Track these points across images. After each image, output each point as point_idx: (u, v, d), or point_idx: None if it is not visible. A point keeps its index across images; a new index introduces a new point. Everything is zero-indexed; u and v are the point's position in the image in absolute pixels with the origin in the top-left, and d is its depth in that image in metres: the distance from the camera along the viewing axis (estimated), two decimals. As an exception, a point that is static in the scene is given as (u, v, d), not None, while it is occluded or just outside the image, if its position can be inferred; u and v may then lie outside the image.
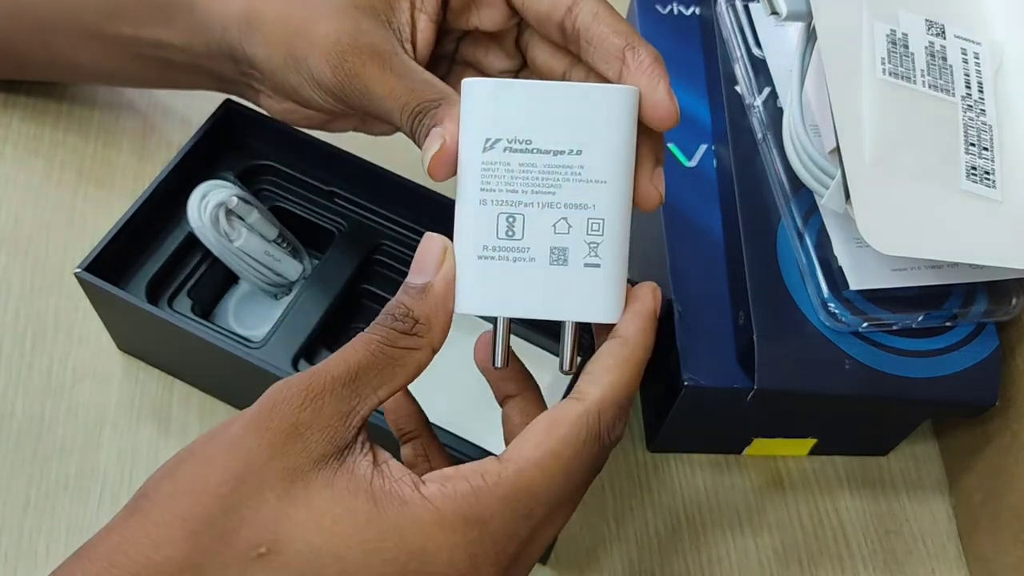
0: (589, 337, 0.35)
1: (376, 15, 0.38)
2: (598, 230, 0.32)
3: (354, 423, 0.29)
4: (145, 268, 0.44)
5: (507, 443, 0.35)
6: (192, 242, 0.45)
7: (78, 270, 0.41)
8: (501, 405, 0.36)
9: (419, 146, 0.35)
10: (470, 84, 0.32)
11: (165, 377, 0.47)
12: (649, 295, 0.33)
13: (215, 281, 0.46)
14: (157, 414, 0.46)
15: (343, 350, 0.30)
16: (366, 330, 0.31)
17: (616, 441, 0.31)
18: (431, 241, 0.32)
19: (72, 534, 0.43)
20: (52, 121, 0.55)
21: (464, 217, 0.32)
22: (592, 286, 0.32)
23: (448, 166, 0.32)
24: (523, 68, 0.41)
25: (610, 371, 0.31)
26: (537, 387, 0.36)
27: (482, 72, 0.42)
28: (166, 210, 0.45)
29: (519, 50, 0.40)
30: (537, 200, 0.31)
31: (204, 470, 0.28)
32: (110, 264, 0.43)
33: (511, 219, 0.32)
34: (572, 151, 0.31)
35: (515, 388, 0.35)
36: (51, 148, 0.54)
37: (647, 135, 0.33)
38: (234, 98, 0.47)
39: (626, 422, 0.32)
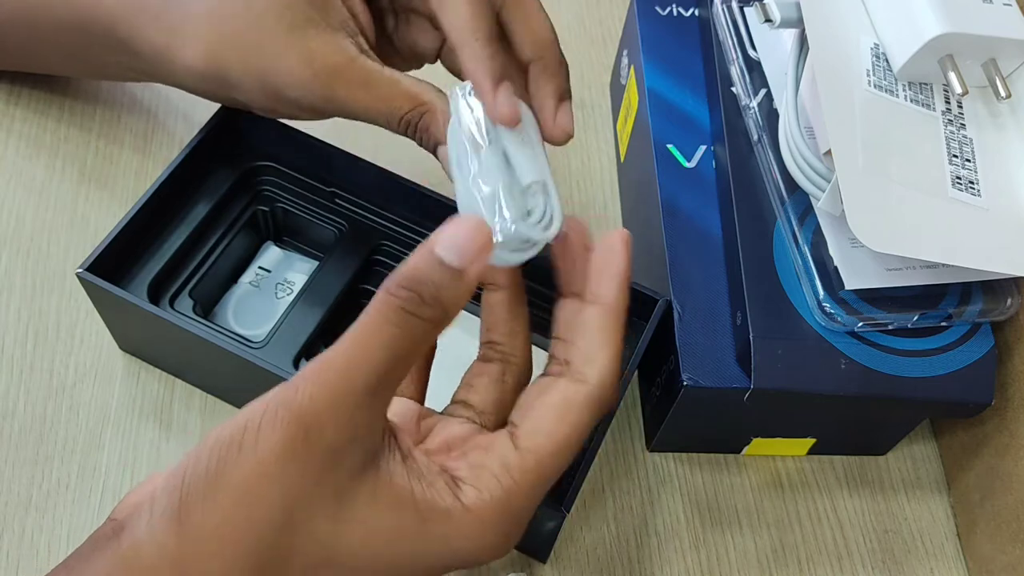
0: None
1: (322, 24, 0.41)
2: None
3: (383, 426, 0.29)
4: (147, 268, 0.44)
5: (485, 327, 0.35)
6: (194, 242, 0.45)
7: (80, 270, 0.42)
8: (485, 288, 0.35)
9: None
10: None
11: (166, 377, 0.48)
12: (620, 248, 0.32)
13: (216, 281, 0.47)
14: (158, 414, 0.47)
15: (362, 344, 0.28)
16: (382, 304, 0.28)
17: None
18: (470, 220, 0.28)
19: (73, 533, 0.43)
20: (54, 121, 0.55)
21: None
22: None
23: None
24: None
25: (603, 347, 0.31)
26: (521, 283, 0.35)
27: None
28: (168, 210, 0.45)
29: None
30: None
31: (248, 502, 0.27)
32: (112, 264, 0.43)
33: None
34: None
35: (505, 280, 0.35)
36: (53, 148, 0.54)
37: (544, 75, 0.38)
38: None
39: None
